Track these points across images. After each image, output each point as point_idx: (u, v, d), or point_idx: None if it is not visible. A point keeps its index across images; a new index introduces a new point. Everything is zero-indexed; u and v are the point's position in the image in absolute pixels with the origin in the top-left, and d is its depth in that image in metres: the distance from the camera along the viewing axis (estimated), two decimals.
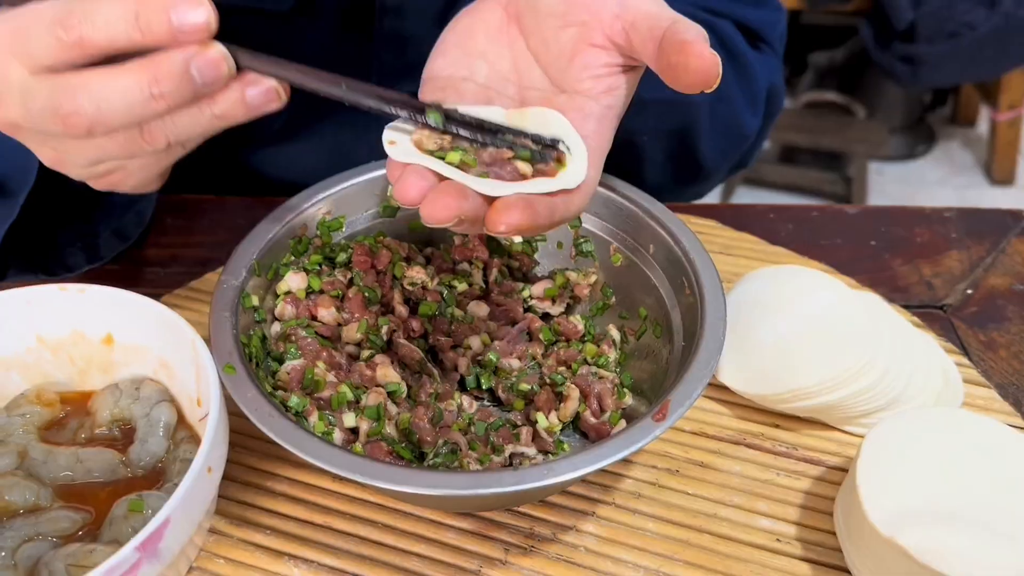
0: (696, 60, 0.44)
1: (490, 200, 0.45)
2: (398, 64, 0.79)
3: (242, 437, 0.59)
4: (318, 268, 0.62)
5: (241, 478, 0.58)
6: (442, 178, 0.46)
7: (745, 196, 2.73)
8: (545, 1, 0.51)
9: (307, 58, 0.81)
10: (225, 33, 0.43)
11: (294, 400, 0.54)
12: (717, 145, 0.84)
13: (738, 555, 0.54)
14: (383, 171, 0.65)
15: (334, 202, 0.65)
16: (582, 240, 0.67)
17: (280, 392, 0.55)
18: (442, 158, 0.47)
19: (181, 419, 0.56)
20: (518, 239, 0.67)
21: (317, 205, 0.64)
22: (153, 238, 0.79)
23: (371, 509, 0.56)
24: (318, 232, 0.64)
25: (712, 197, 0.98)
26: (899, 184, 2.82)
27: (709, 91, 0.45)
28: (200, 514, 0.48)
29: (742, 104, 0.82)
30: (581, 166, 0.48)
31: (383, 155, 0.48)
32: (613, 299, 0.66)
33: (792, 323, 0.62)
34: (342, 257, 0.63)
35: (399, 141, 0.49)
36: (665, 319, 0.60)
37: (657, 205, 0.63)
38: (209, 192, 0.86)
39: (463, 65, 0.53)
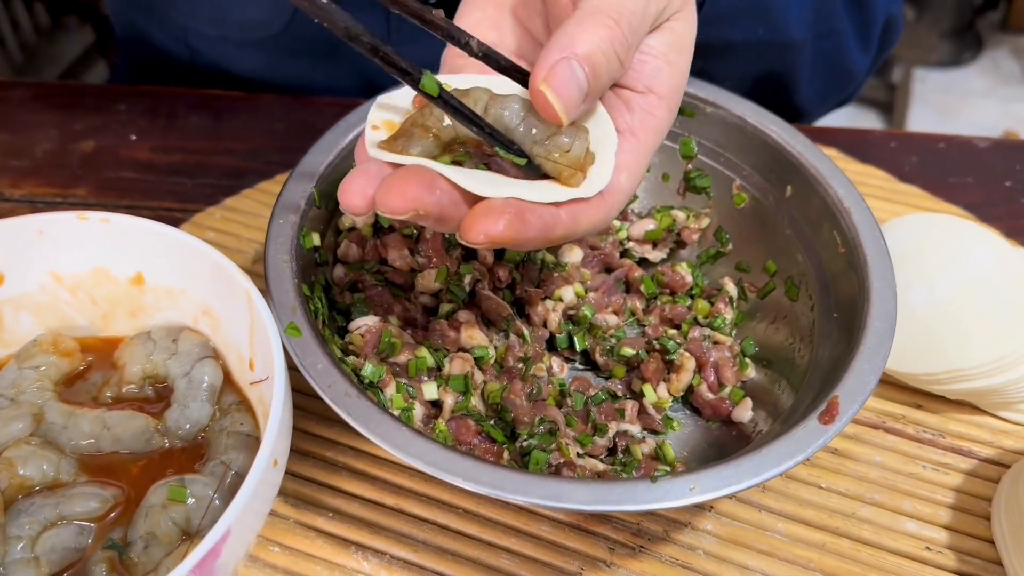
0: (534, 93, 0.34)
1: (474, 199, 0.34)
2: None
3: (293, 394, 0.50)
4: None
5: (296, 446, 0.49)
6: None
7: None
8: None
9: None
10: None
11: (368, 369, 0.44)
12: (818, 88, 0.73)
13: (882, 565, 0.46)
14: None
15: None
16: (695, 173, 0.56)
17: (351, 358, 0.45)
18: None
19: (227, 379, 0.47)
20: None
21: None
22: (176, 141, 0.67)
23: (450, 491, 0.48)
24: None
25: None
26: (942, 94, 2.68)
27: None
28: (263, 516, 0.39)
29: (852, 40, 0.71)
30: (607, 168, 0.36)
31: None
32: (730, 246, 0.56)
33: (947, 288, 0.52)
34: None
35: (385, 125, 0.38)
36: (804, 279, 0.50)
37: (800, 138, 0.52)
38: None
39: (491, 25, 0.42)
